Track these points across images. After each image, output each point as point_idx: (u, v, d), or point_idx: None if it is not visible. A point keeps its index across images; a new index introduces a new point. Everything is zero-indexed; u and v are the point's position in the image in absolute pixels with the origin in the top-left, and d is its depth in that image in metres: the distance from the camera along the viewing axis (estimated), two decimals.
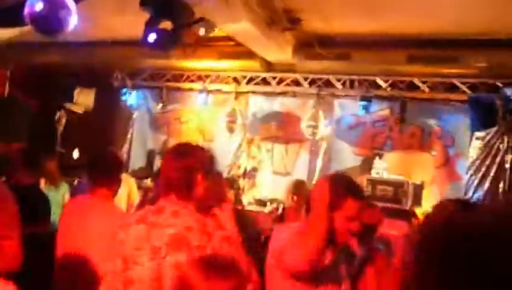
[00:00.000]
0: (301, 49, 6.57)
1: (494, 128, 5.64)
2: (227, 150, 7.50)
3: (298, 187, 4.70)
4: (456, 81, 6.04)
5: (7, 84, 8.44)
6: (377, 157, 6.29)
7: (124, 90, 7.95)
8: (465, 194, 6.00)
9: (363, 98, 6.44)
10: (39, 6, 3.31)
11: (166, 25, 4.81)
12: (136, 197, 5.19)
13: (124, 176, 5.46)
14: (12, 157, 3.45)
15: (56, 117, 7.14)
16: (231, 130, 7.23)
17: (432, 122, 6.36)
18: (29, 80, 7.93)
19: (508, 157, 5.12)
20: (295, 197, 4.53)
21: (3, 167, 3.65)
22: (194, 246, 1.88)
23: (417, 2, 4.91)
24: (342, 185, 2.01)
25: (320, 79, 6.81)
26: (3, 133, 6.77)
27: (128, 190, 4.75)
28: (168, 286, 1.83)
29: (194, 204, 2.01)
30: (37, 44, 6.96)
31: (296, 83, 7.03)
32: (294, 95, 7.20)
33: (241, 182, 6.60)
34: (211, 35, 5.80)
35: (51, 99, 7.29)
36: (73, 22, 3.41)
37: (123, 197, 4.96)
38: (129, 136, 8.26)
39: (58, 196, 4.60)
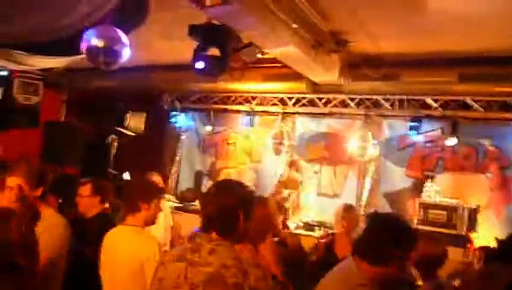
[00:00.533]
0: (348, 70, 6.52)
1: None
2: (274, 172, 7.52)
3: (348, 211, 4.62)
4: (510, 100, 5.79)
5: (63, 109, 8.92)
6: (429, 180, 6.11)
7: (173, 113, 8.16)
8: None
9: (413, 119, 6.30)
10: (95, 41, 3.47)
11: (215, 51, 4.92)
12: (170, 221, 5.28)
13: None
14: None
15: (108, 140, 7.41)
16: (278, 151, 7.24)
17: (487, 142, 6.12)
18: (84, 105, 8.32)
19: None
20: (345, 222, 4.46)
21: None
22: (231, 284, 1.91)
23: (466, 20, 4.78)
24: None
25: (368, 99, 6.73)
26: (60, 157, 7.11)
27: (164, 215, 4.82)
28: None
29: (233, 240, 2.04)
30: (90, 70, 7.30)
31: (343, 103, 6.98)
32: (341, 116, 7.14)
33: (287, 205, 6.56)
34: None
35: (104, 124, 7.58)
36: (126, 54, 3.55)
37: (160, 223, 5.06)
38: (177, 157, 8.44)
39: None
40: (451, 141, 6.09)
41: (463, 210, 5.44)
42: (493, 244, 4.84)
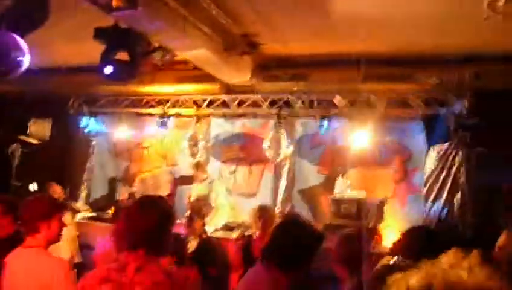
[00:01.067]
0: (260, 71, 6.63)
1: (448, 142, 5.86)
2: (190, 174, 7.45)
3: (263, 211, 4.71)
4: (409, 97, 6.23)
5: None
6: (340, 175, 6.40)
7: (82, 117, 7.77)
8: (424, 205, 6.19)
9: (322, 117, 6.55)
10: None
11: (123, 55, 4.76)
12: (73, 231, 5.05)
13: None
14: None
15: (10, 150, 6.88)
16: (194, 153, 7.17)
17: (389, 138, 6.53)
18: None
19: (462, 169, 5.32)
20: (260, 223, 4.54)
21: None
22: None
23: (370, 23, 5.06)
24: None
25: (280, 100, 6.89)
26: None
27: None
28: None
29: (161, 257, 2.00)
30: None
31: (256, 104, 7.08)
32: (255, 116, 7.24)
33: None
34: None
35: (4, 132, 7.02)
36: (26, 62, 3.31)
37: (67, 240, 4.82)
38: (89, 164, 8.06)
39: None
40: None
41: (371, 203, 5.77)
42: (398, 235, 5.23)
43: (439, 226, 5.69)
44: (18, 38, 3.28)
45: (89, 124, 7.83)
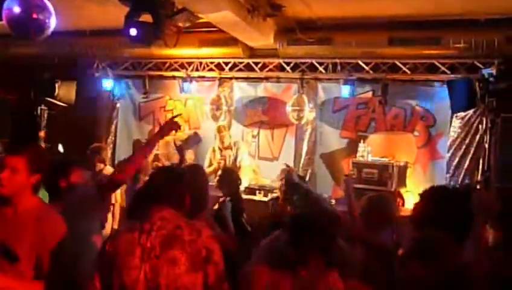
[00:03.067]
0: (283, 35, 6.58)
1: (473, 109, 5.77)
2: (212, 138, 7.52)
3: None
4: (436, 62, 6.11)
5: None
6: (362, 140, 6.39)
7: (106, 80, 7.86)
8: (447, 172, 6.17)
9: (346, 81, 6.49)
10: (17, 9, 3.25)
11: (147, 17, 4.77)
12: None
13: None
14: None
15: (38, 112, 7.04)
16: (216, 117, 7.22)
17: (414, 103, 6.45)
18: (7, 74, 7.77)
19: (487, 136, 5.24)
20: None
21: None
22: (187, 241, 2.02)
23: None
24: None
25: (303, 63, 6.83)
26: None
27: None
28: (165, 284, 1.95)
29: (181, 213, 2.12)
30: (13, 36, 6.83)
31: (279, 68, 7.05)
32: (278, 80, 7.21)
33: None
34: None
35: (32, 94, 7.17)
36: (52, 24, 3.35)
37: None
38: (113, 127, 8.20)
39: None
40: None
41: (392, 168, 5.76)
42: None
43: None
44: (44, 0, 3.31)
45: (113, 86, 7.93)
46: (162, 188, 2.16)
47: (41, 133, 7.05)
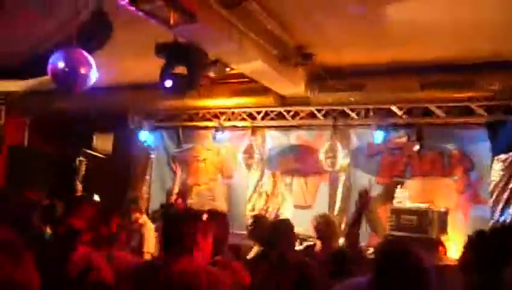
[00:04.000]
0: (314, 82, 6.64)
1: None
2: (245, 186, 7.53)
3: (318, 219, 4.68)
4: (471, 105, 6.01)
5: (26, 133, 8.66)
6: (398, 186, 6.24)
7: (141, 132, 8.06)
8: (491, 218, 5.91)
9: (379, 127, 6.44)
10: (61, 64, 3.41)
11: (182, 69, 4.92)
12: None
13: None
14: None
15: (76, 163, 7.25)
16: (249, 166, 7.25)
17: (450, 146, 6.31)
18: (48, 128, 8.10)
19: None
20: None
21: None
22: None
23: (425, 29, 4.96)
24: None
25: (334, 110, 6.84)
26: (24, 181, 6.89)
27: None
28: None
29: None
30: (54, 92, 7.15)
31: (311, 115, 7.08)
32: (310, 127, 7.23)
33: None
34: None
35: (71, 146, 7.42)
36: (93, 77, 3.50)
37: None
38: (148, 177, 8.33)
39: None
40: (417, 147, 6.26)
41: (433, 214, 5.56)
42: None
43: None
44: (87, 54, 3.47)
45: (148, 138, 8.12)
46: None
47: (79, 184, 7.21)
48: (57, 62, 3.41)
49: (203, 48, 4.89)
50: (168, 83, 4.84)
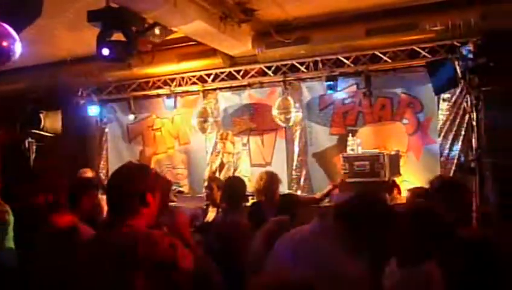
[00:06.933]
0: (261, 39, 6.56)
1: (459, 90, 5.73)
2: (203, 151, 7.50)
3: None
4: (415, 48, 6.08)
5: None
6: (350, 134, 6.34)
7: (91, 106, 7.85)
8: (441, 156, 6.11)
9: (328, 78, 6.45)
10: None
11: (118, 36, 4.76)
12: None
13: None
14: None
15: (25, 145, 7.02)
16: (204, 129, 7.18)
17: (399, 91, 6.41)
18: None
19: (474, 114, 5.18)
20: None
21: None
22: None
23: None
24: None
25: (284, 66, 6.81)
26: None
27: None
28: None
29: None
30: None
31: (261, 73, 7.03)
32: (261, 85, 7.18)
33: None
34: (169, 37, 5.79)
35: (18, 128, 7.15)
36: (18, 50, 3.34)
37: None
38: (104, 152, 8.17)
39: None
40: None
41: (384, 157, 5.69)
42: (417, 184, 5.18)
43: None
44: (6, 26, 3.30)
45: (99, 112, 7.91)
46: None
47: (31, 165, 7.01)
48: None
49: (138, 11, 4.74)
50: (106, 51, 4.68)
